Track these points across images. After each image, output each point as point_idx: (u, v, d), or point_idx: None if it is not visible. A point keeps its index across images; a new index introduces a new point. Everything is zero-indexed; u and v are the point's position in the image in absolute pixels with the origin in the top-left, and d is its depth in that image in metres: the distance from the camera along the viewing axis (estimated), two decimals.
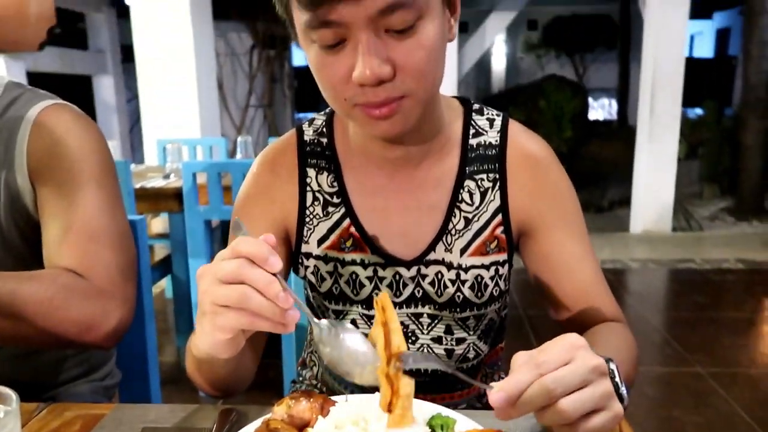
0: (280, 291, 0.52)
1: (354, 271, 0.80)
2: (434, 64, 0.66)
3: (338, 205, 0.80)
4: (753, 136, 5.43)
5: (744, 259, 4.17)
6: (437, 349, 0.82)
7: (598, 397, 0.51)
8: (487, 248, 0.79)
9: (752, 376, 2.50)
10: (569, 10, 13.87)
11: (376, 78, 0.62)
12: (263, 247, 0.53)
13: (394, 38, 0.63)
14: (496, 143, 0.80)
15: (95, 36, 6.90)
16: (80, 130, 0.88)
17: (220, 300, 0.53)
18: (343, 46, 0.64)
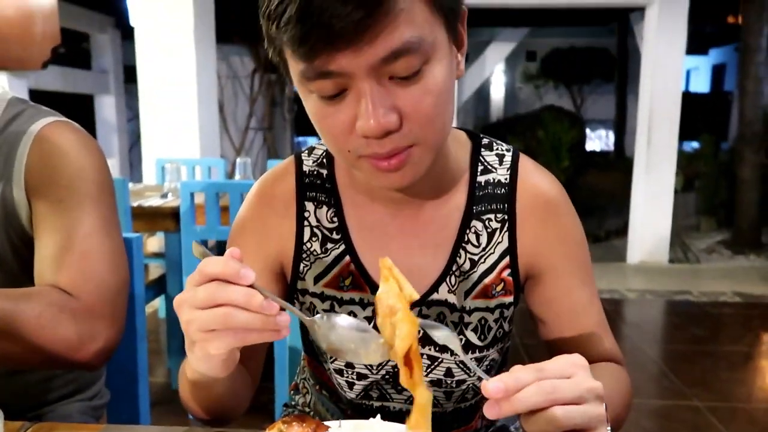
0: (263, 301, 0.51)
1: (352, 310, 0.77)
2: (443, 108, 0.62)
3: (338, 241, 0.77)
4: (749, 170, 5.47)
5: (741, 293, 4.15)
6: (437, 392, 0.79)
7: (590, 416, 0.51)
8: (492, 291, 0.76)
9: (750, 410, 2.47)
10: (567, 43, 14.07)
11: (382, 129, 0.58)
12: (231, 264, 0.52)
13: (399, 85, 0.59)
14: (506, 182, 0.76)
15: (99, 56, 6.97)
16: (80, 148, 0.88)
17: (206, 326, 0.52)
18: (344, 96, 0.60)
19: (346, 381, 0.81)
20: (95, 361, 0.79)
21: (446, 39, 0.62)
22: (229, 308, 0.51)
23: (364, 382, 0.80)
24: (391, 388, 0.80)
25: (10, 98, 0.90)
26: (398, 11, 0.55)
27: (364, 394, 0.81)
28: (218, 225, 2.11)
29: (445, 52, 0.61)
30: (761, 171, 5.57)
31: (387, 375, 0.79)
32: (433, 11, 0.59)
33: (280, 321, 0.52)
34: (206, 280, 0.52)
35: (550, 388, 0.50)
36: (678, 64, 4.73)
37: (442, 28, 0.60)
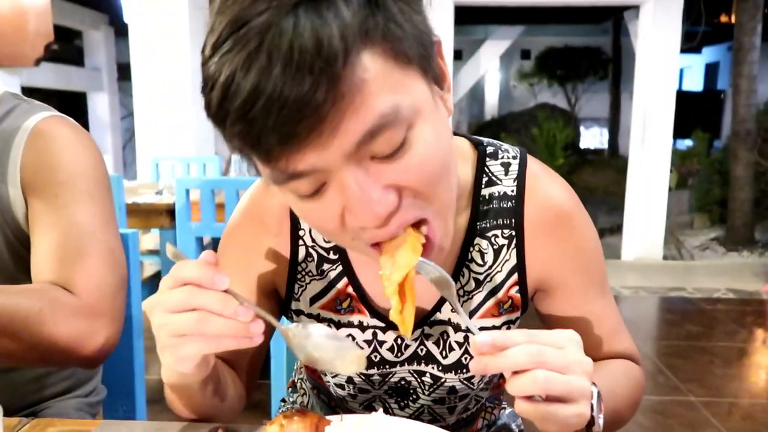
0: (238, 306, 0.50)
1: (351, 333, 0.73)
2: (444, 168, 0.54)
3: (335, 262, 0.72)
4: (742, 167, 5.50)
5: (735, 289, 4.17)
6: (438, 408, 0.78)
7: (572, 387, 0.51)
8: (500, 310, 0.72)
9: (745, 406, 2.48)
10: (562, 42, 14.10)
11: (380, 218, 0.51)
12: (205, 270, 0.51)
13: (385, 162, 0.50)
14: (513, 194, 0.69)
15: (92, 53, 6.93)
16: (77, 143, 0.87)
17: (177, 331, 0.51)
18: (326, 189, 0.51)
19: (348, 394, 0.79)
20: (95, 359, 0.79)
21: (426, 89, 0.52)
22: (202, 313, 0.50)
23: (367, 396, 0.78)
24: (394, 403, 0.78)
25: (2, 93, 0.88)
26: (360, 83, 0.46)
27: (367, 406, 0.80)
28: (214, 222, 2.10)
29: (429, 106, 0.52)
30: (754, 169, 5.61)
31: (390, 390, 0.76)
32: (402, 66, 0.49)
33: (254, 328, 0.51)
34: (180, 284, 0.51)
35: (536, 351, 0.50)
36: (672, 62, 4.74)
37: (418, 79, 0.51)
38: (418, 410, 0.78)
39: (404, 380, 0.75)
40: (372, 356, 0.73)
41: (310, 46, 0.43)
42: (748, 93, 5.37)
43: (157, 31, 4.27)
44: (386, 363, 0.74)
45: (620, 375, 0.72)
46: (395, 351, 0.73)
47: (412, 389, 0.76)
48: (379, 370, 0.74)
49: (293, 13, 0.44)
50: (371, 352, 0.73)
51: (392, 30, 0.48)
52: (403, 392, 0.76)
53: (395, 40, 0.48)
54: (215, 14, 0.48)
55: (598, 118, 15.34)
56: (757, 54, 5.34)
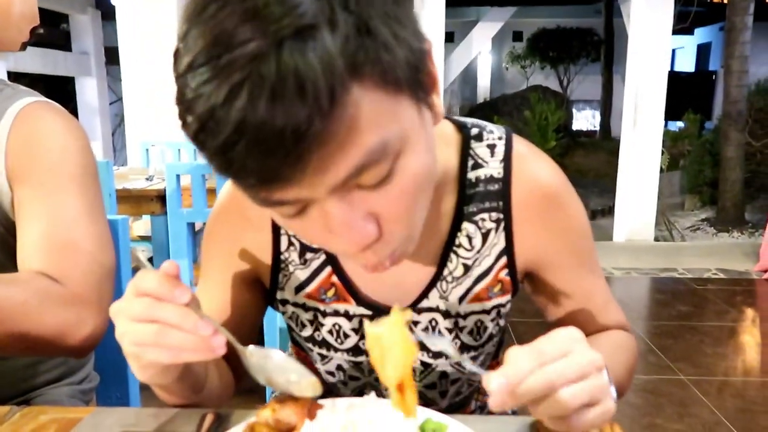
0: (197, 321, 0.50)
1: (337, 322, 0.73)
2: (425, 194, 0.54)
3: (318, 251, 0.71)
4: (733, 148, 5.52)
5: (725, 269, 4.21)
6: (430, 393, 0.78)
7: (594, 390, 0.50)
8: (489, 293, 0.72)
9: (734, 384, 2.51)
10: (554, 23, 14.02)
11: (360, 246, 0.51)
12: (165, 283, 0.50)
13: (369, 190, 0.49)
14: (499, 176, 0.68)
15: (79, 37, 6.82)
16: (63, 130, 0.85)
17: (138, 340, 0.51)
18: (308, 212, 0.50)
19: (339, 381, 0.79)
20: (82, 348, 0.78)
21: (415, 112, 0.50)
22: (161, 326, 0.50)
23: (358, 383, 0.79)
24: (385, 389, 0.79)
25: None
26: (349, 120, 0.43)
27: (359, 392, 0.80)
28: (205, 207, 2.09)
29: (417, 131, 0.50)
30: (745, 149, 5.63)
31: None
32: (393, 94, 0.46)
33: (216, 342, 0.51)
34: (140, 294, 0.51)
35: (553, 375, 0.48)
36: (664, 43, 4.73)
37: (408, 104, 0.48)
38: None
39: None
40: (360, 344, 0.73)
41: (295, 85, 0.40)
42: (740, 74, 5.37)
43: (145, 14, 4.21)
44: None
45: (616, 346, 0.73)
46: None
47: None
48: (368, 357, 0.74)
49: (279, 47, 0.40)
50: (359, 340, 0.73)
51: (382, 58, 0.44)
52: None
53: (386, 68, 0.44)
54: (188, 20, 0.44)
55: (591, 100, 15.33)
56: (749, 34, 5.34)
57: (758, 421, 2.17)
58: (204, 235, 0.77)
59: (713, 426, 2.14)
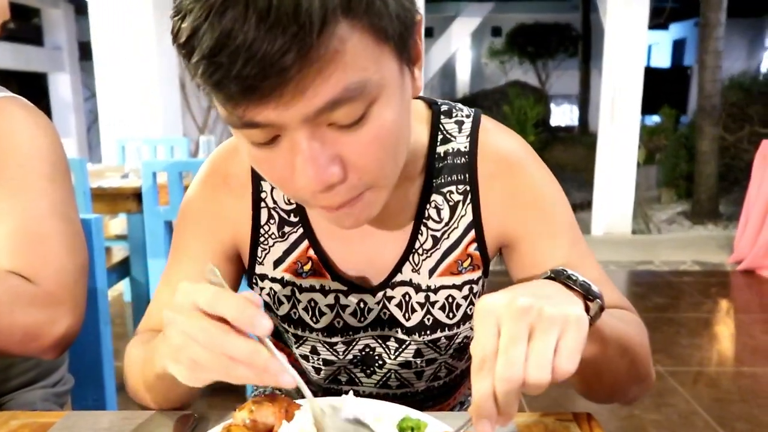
0: (267, 360, 0.45)
1: (313, 298, 0.73)
2: (395, 150, 0.55)
3: (295, 225, 0.71)
4: (708, 142, 5.61)
5: (700, 261, 4.29)
6: (406, 374, 0.77)
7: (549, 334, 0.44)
8: (459, 267, 0.71)
9: (710, 374, 2.56)
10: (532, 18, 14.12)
11: (322, 184, 0.51)
12: (248, 311, 0.45)
13: (340, 131, 0.50)
14: (466, 150, 0.70)
15: (51, 32, 6.69)
16: (32, 125, 0.83)
17: (197, 359, 0.47)
18: (278, 142, 0.51)
19: (313, 366, 0.79)
20: (55, 349, 0.76)
21: (397, 68, 0.52)
22: (228, 359, 0.46)
23: (332, 368, 0.78)
24: (360, 372, 0.78)
25: None
26: (333, 53, 0.45)
27: (333, 378, 0.80)
28: None
29: (395, 85, 0.52)
30: (719, 143, 5.73)
31: (354, 359, 0.76)
32: (378, 42, 0.48)
33: (284, 380, 0.46)
34: (211, 313, 0.46)
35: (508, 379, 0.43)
36: (640, 39, 4.79)
37: (391, 57, 0.51)
38: (385, 376, 0.77)
39: (368, 347, 0.75)
40: (335, 322, 0.73)
41: (289, 7, 0.42)
42: (714, 69, 5.46)
43: (119, 8, 4.14)
44: (350, 329, 0.74)
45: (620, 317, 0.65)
46: (358, 315, 0.73)
47: (377, 355, 0.76)
48: (343, 338, 0.74)
49: None
50: (334, 318, 0.73)
51: (376, 6, 0.47)
52: (368, 360, 0.76)
53: (377, 16, 0.47)
54: None
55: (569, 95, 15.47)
56: (723, 30, 5.42)
57: (732, 410, 2.22)
58: (181, 208, 0.75)
59: (689, 415, 2.18)
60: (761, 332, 3.02)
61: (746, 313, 3.42)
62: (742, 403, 2.27)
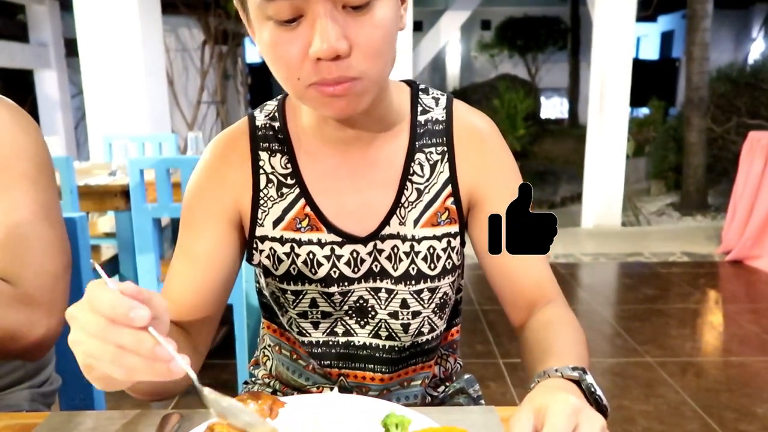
0: (154, 347, 0.47)
1: (311, 250, 0.80)
2: (388, 46, 0.66)
3: (292, 186, 0.80)
4: (696, 134, 5.65)
5: (689, 252, 4.32)
6: (394, 324, 0.82)
7: None
8: (438, 219, 0.81)
9: (699, 364, 2.59)
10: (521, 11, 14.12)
11: (333, 51, 0.61)
12: (119, 306, 0.47)
13: (351, 15, 0.63)
14: (443, 119, 0.82)
15: (37, 28, 6.60)
16: (14, 125, 0.82)
17: (92, 354, 0.49)
18: (299, 23, 0.63)
19: (311, 322, 0.84)
20: (35, 351, 0.76)
21: None
22: (117, 349, 0.48)
23: (329, 320, 0.83)
24: (355, 323, 0.83)
25: None
26: None
27: (330, 331, 0.84)
28: (170, 202, 2.05)
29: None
30: (707, 135, 5.76)
31: (350, 310, 0.83)
32: None
33: (174, 368, 0.48)
34: (95, 314, 0.48)
35: None
36: (628, 31, 4.80)
37: None
38: (377, 326, 0.83)
39: (362, 298, 0.82)
40: (332, 272, 0.80)
41: None
42: (701, 60, 5.49)
43: (105, 3, 4.09)
44: (345, 279, 0.80)
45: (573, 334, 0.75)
46: (352, 265, 0.80)
47: (370, 306, 0.82)
48: (339, 288, 0.81)
49: None
50: (330, 269, 0.80)
51: None
52: (362, 311, 0.83)
53: None
54: None
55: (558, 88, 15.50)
56: (710, 21, 5.45)
57: (720, 400, 2.24)
58: (186, 190, 0.82)
59: (678, 405, 2.20)
60: (749, 322, 3.05)
61: (734, 304, 3.46)
62: (731, 392, 2.30)
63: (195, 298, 0.76)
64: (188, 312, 0.76)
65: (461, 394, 0.96)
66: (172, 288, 0.77)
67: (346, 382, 0.87)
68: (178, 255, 0.79)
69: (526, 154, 9.25)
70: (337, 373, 0.86)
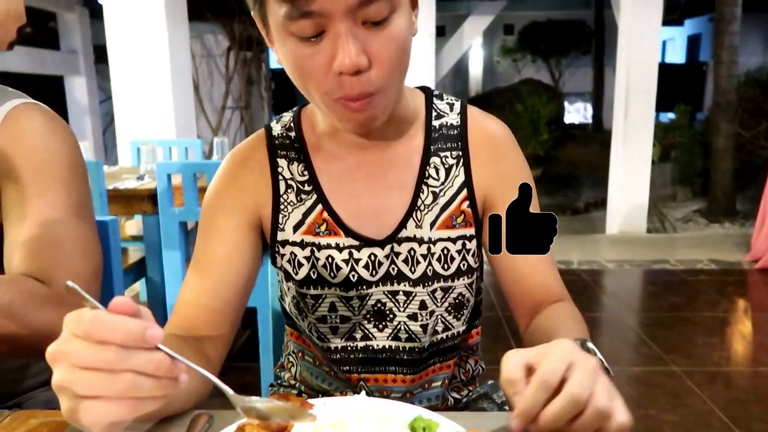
0: (170, 363, 0.44)
1: (330, 254, 0.81)
2: (403, 56, 0.69)
3: (309, 192, 0.81)
4: (724, 139, 5.55)
5: (717, 260, 4.24)
6: (413, 326, 0.83)
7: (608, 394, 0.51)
8: (453, 222, 0.82)
9: (727, 374, 2.54)
10: (545, 16, 14.02)
11: (355, 66, 0.64)
12: (136, 327, 0.43)
13: (370, 30, 0.65)
14: (457, 124, 0.83)
15: (67, 36, 6.77)
16: (50, 131, 0.85)
17: (94, 390, 0.42)
18: (322, 38, 0.65)
19: (330, 327, 0.84)
20: None
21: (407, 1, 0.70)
22: (135, 376, 0.43)
23: (348, 325, 0.84)
24: (373, 327, 0.84)
25: None
26: None
27: (349, 336, 0.85)
28: (196, 206, 2.08)
29: (406, 7, 0.69)
30: (735, 140, 5.66)
31: (368, 314, 0.83)
32: None
33: (181, 382, 0.45)
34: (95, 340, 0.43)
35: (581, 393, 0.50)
36: (654, 35, 4.74)
37: None
38: (396, 329, 0.83)
39: (380, 302, 0.82)
40: (350, 276, 0.81)
41: None
42: (729, 64, 5.40)
43: (133, 12, 4.18)
44: (363, 282, 0.81)
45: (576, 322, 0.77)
46: (370, 269, 0.81)
47: (388, 310, 0.83)
48: (357, 292, 0.82)
49: None
50: (349, 272, 0.81)
51: None
52: (380, 314, 0.83)
53: None
54: None
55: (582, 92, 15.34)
56: (738, 25, 5.36)
57: (750, 410, 2.19)
58: (205, 198, 0.83)
59: (705, 416, 2.16)
60: None
61: (763, 312, 3.38)
62: (759, 403, 2.25)
63: (214, 302, 0.76)
64: (205, 318, 0.76)
65: (485, 399, 0.96)
66: (188, 294, 0.77)
67: (367, 387, 0.87)
68: (195, 263, 0.79)
69: (549, 159, 9.18)
70: (357, 378, 0.87)
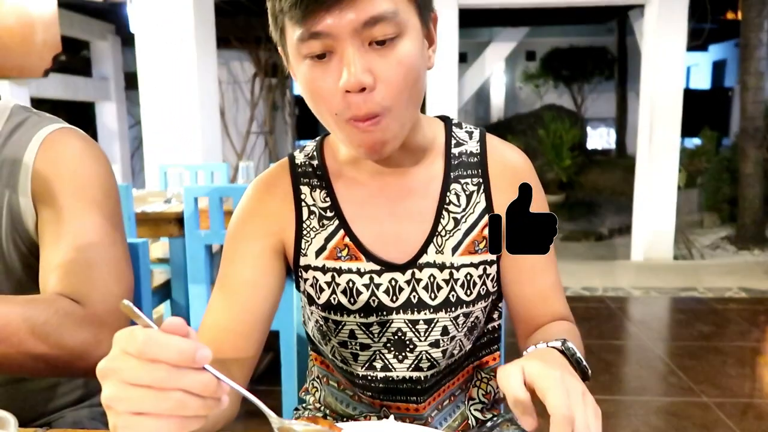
0: (217, 384, 0.46)
1: (351, 279, 0.82)
2: (411, 82, 0.70)
3: (331, 218, 0.83)
4: (752, 165, 5.46)
5: (747, 288, 4.14)
6: (435, 353, 0.83)
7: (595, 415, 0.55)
8: (476, 247, 0.82)
9: (759, 406, 2.46)
10: (567, 42, 14.05)
11: (359, 84, 0.66)
12: (189, 348, 0.44)
13: (377, 51, 0.67)
14: (477, 152, 0.85)
15: (99, 63, 7.00)
16: (86, 155, 0.88)
17: (144, 408, 0.44)
18: (330, 59, 0.68)
19: (351, 353, 0.85)
20: None
21: (418, 26, 0.71)
22: (183, 395, 0.44)
23: (368, 353, 0.84)
24: (393, 358, 0.84)
25: (13, 106, 0.90)
26: None
27: (369, 365, 0.84)
28: (222, 229, 2.11)
29: (416, 35, 0.70)
30: (763, 166, 5.56)
31: (388, 343, 0.83)
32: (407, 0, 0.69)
33: (224, 401, 0.47)
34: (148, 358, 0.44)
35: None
36: (678, 61, 4.72)
37: (414, 14, 0.70)
38: (417, 358, 0.83)
39: (400, 331, 0.82)
40: (371, 301, 0.81)
41: None
42: (756, 90, 5.34)
43: (164, 41, 4.31)
44: (383, 308, 0.81)
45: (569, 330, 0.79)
46: (390, 294, 0.81)
47: (407, 340, 0.82)
48: (378, 318, 0.82)
49: None
50: (370, 297, 0.81)
51: None
52: (400, 343, 0.83)
53: None
54: None
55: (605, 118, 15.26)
56: (764, 50, 5.31)
57: None
58: (230, 224, 0.84)
59: None
60: None
61: None
62: None
63: (239, 326, 0.77)
64: (231, 342, 0.76)
65: (511, 424, 0.95)
66: (213, 318, 0.78)
67: (388, 413, 0.87)
68: (220, 287, 0.80)
69: (572, 184, 9.11)
70: (380, 404, 0.87)
